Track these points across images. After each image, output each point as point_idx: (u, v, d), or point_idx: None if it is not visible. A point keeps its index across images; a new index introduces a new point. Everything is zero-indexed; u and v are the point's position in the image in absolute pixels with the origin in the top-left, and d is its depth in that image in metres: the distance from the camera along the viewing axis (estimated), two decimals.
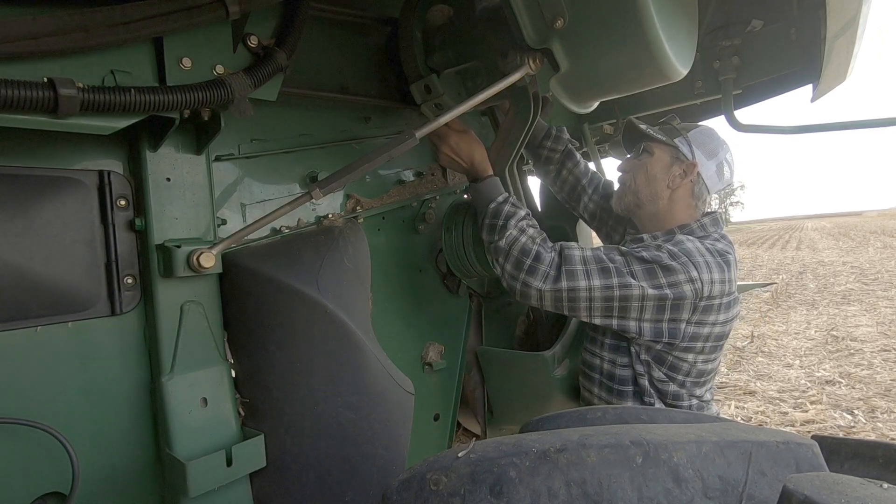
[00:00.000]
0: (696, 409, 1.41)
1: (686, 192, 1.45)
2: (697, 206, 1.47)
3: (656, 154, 1.47)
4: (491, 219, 1.35)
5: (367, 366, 1.16)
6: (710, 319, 1.32)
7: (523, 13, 1.02)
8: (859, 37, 1.38)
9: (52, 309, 0.91)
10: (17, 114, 0.73)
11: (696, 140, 1.45)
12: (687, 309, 1.29)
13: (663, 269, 1.28)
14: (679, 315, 1.30)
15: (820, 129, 1.68)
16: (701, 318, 1.32)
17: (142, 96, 0.81)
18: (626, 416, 0.83)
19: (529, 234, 1.34)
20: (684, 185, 1.44)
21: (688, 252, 1.30)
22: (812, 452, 0.60)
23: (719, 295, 1.31)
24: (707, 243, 1.36)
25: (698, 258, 1.29)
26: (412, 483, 0.60)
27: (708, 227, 1.43)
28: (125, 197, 0.99)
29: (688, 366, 1.37)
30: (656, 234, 1.45)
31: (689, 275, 1.27)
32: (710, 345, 1.36)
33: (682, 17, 1.06)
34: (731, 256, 1.36)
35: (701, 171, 1.43)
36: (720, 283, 1.30)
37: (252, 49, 0.99)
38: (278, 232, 1.28)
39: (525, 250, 1.31)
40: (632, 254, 1.31)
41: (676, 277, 1.27)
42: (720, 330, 1.36)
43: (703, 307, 1.30)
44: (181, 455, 0.96)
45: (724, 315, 1.35)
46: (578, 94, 1.10)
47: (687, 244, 1.33)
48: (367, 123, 1.51)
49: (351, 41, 1.42)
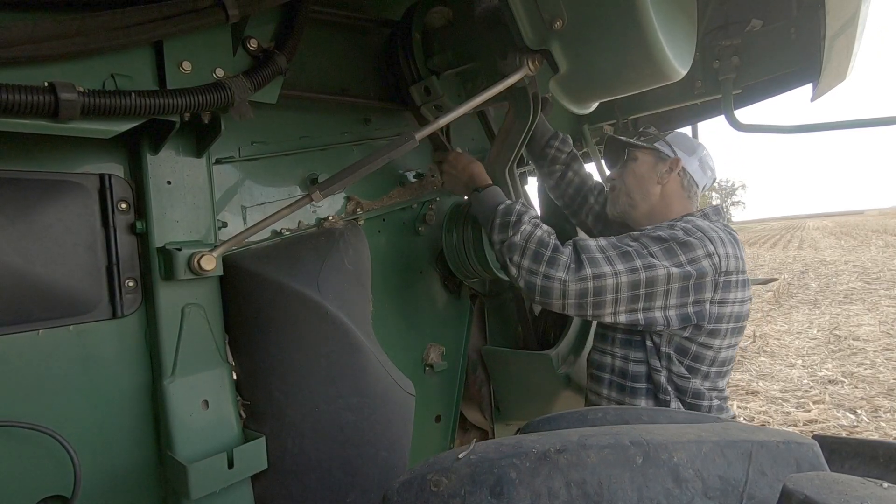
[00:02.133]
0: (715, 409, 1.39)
1: (676, 185, 1.48)
2: (690, 197, 1.49)
3: (640, 158, 1.50)
4: (503, 217, 1.32)
5: (368, 367, 1.17)
6: (730, 297, 1.32)
7: (522, 15, 1.02)
8: (859, 36, 1.38)
9: (53, 312, 0.91)
10: (19, 118, 0.73)
11: (674, 141, 1.49)
12: (709, 287, 1.28)
13: (681, 245, 1.26)
14: (702, 295, 1.29)
15: (820, 129, 1.68)
16: (723, 296, 1.31)
17: (142, 100, 0.81)
18: (626, 416, 0.83)
19: (544, 228, 1.32)
20: (672, 179, 1.47)
21: (701, 228, 1.31)
22: (812, 452, 0.59)
23: (735, 271, 1.32)
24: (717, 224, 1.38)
25: (712, 233, 1.30)
26: (413, 484, 0.60)
27: (711, 216, 1.45)
28: (126, 200, 0.99)
29: (713, 353, 1.35)
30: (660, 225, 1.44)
31: (706, 249, 1.27)
32: (731, 326, 1.35)
33: (681, 17, 1.06)
34: (736, 237, 1.38)
35: (685, 166, 1.46)
36: (734, 258, 1.32)
37: (252, 52, 0.99)
38: (279, 234, 1.28)
39: (543, 242, 1.27)
40: (646, 235, 1.31)
41: (696, 253, 1.26)
42: (739, 309, 1.35)
43: (723, 283, 1.30)
44: (183, 457, 0.96)
45: (742, 293, 1.35)
46: (578, 94, 1.10)
47: (699, 221, 1.34)
48: (367, 125, 1.51)
49: (350, 43, 1.42)
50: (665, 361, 1.35)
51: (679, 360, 1.35)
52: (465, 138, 1.85)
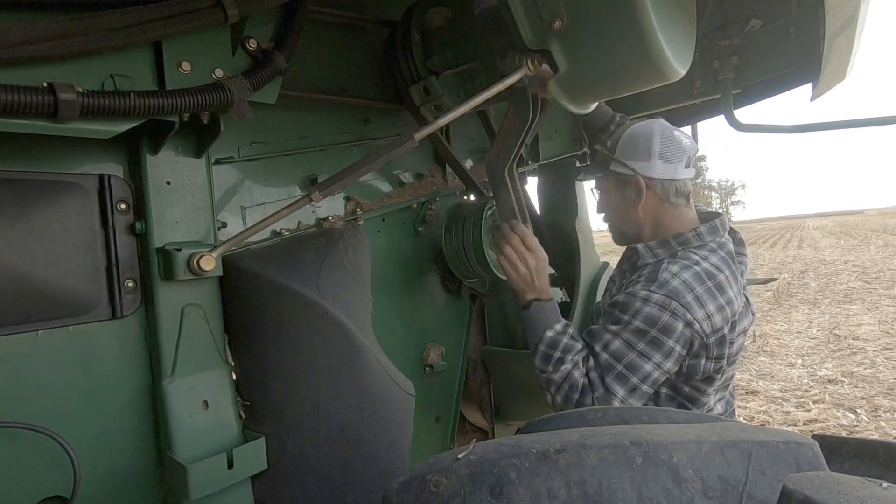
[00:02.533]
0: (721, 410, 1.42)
1: (653, 201, 1.42)
2: (674, 202, 1.42)
3: (606, 188, 1.49)
4: (547, 348, 1.35)
5: (368, 368, 1.16)
6: (725, 352, 1.31)
7: (521, 14, 1.02)
8: (858, 35, 1.38)
9: (52, 313, 0.91)
10: (18, 118, 0.73)
11: (625, 153, 1.43)
12: (701, 350, 1.29)
13: (662, 330, 1.25)
14: (697, 354, 1.29)
15: (820, 128, 1.68)
16: (718, 351, 1.30)
17: (141, 100, 0.81)
18: (626, 416, 0.83)
19: (581, 369, 1.33)
20: (646, 197, 1.41)
21: (676, 294, 1.25)
22: (812, 452, 0.59)
23: (723, 323, 1.28)
24: (696, 267, 1.31)
25: (688, 297, 1.25)
26: (412, 484, 0.60)
27: (704, 237, 1.38)
28: (125, 200, 0.99)
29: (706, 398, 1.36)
30: (651, 245, 1.43)
31: (684, 319, 1.24)
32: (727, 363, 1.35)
33: (680, 17, 1.06)
34: (723, 275, 1.31)
35: (649, 176, 1.39)
36: (717, 311, 1.26)
37: (251, 52, 0.99)
38: (278, 234, 1.28)
39: (574, 386, 1.31)
40: (628, 329, 1.28)
41: (678, 330, 1.24)
42: (736, 348, 1.35)
43: (716, 342, 1.28)
44: (182, 458, 0.96)
45: (732, 334, 1.32)
46: (577, 94, 1.10)
47: (672, 282, 1.27)
48: (367, 125, 1.51)
49: (350, 43, 1.42)
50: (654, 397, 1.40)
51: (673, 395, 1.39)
52: (465, 138, 1.85)
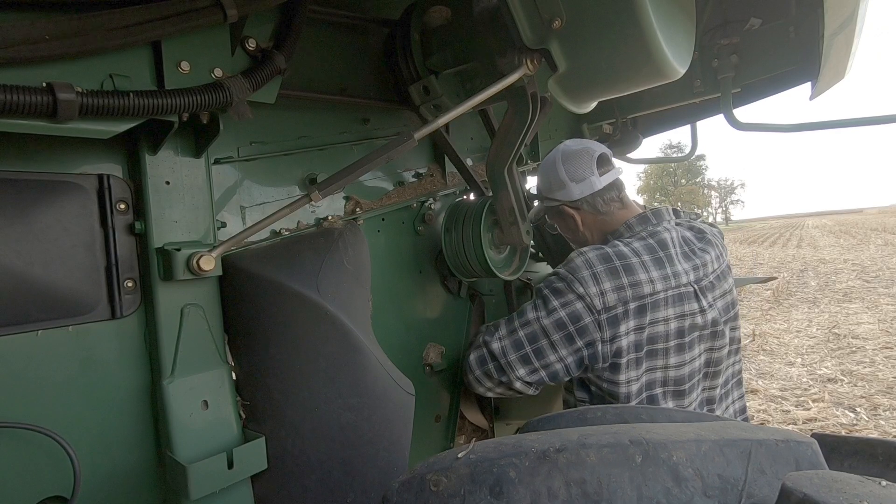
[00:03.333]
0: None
1: (588, 217, 1.51)
2: (608, 210, 1.49)
3: (553, 220, 1.59)
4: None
5: (368, 367, 1.16)
6: (621, 331, 1.29)
7: (521, 14, 1.02)
8: (857, 34, 1.38)
9: (52, 313, 0.91)
10: (17, 118, 0.73)
11: (545, 189, 1.54)
12: (592, 329, 1.29)
13: (553, 291, 1.34)
14: (590, 337, 1.29)
15: (819, 127, 1.68)
16: (612, 332, 1.28)
17: (140, 100, 0.81)
18: (626, 415, 0.83)
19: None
20: (582, 217, 1.51)
21: (574, 269, 1.33)
22: (812, 450, 0.60)
23: (617, 303, 1.28)
24: (608, 248, 1.35)
25: (584, 272, 1.31)
26: (412, 484, 0.60)
27: (634, 227, 1.45)
28: (125, 200, 0.99)
29: (625, 389, 1.33)
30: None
31: (576, 292, 1.30)
32: (634, 356, 1.31)
33: (679, 16, 1.06)
34: (637, 259, 1.32)
35: (574, 197, 1.47)
36: (613, 290, 1.28)
37: (250, 52, 0.99)
38: (278, 234, 1.28)
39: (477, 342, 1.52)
40: (537, 295, 1.40)
41: (566, 297, 1.31)
42: (637, 338, 1.31)
43: (608, 320, 1.28)
44: (182, 458, 0.96)
45: (637, 321, 1.30)
46: (576, 94, 1.10)
47: (576, 260, 1.35)
48: (366, 125, 1.51)
49: (349, 43, 1.42)
50: (598, 401, 1.40)
51: (604, 396, 1.38)
52: (464, 137, 1.85)
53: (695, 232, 1.50)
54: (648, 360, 1.35)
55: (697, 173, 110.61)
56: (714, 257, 1.46)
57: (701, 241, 1.48)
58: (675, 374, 1.36)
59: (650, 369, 1.36)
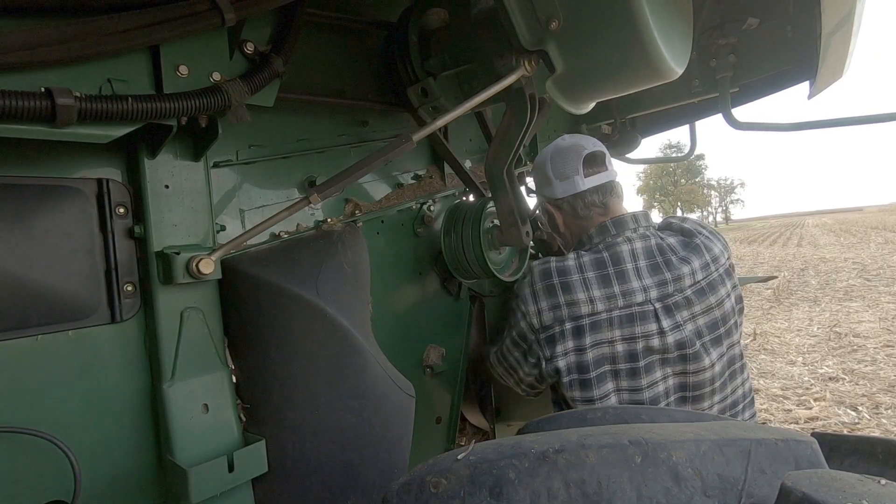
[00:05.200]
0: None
1: (569, 217, 1.50)
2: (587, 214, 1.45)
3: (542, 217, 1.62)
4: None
5: (368, 369, 1.17)
6: (558, 350, 1.25)
7: (518, 15, 1.02)
8: (855, 33, 1.39)
9: (51, 318, 0.91)
10: (15, 124, 0.73)
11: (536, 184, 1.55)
12: (536, 347, 1.29)
13: (510, 311, 1.38)
14: (539, 354, 1.29)
15: (818, 126, 1.68)
16: (552, 352, 1.25)
17: (139, 104, 0.81)
18: (626, 415, 0.83)
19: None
20: (560, 215, 1.51)
21: (519, 286, 1.35)
22: (811, 449, 0.60)
23: (554, 322, 1.25)
24: (551, 263, 1.33)
25: (525, 290, 1.32)
26: (412, 486, 0.60)
27: (594, 238, 1.41)
28: (124, 205, 0.99)
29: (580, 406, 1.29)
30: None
31: (520, 309, 1.32)
32: (577, 377, 1.24)
33: (676, 16, 1.06)
34: (577, 276, 1.27)
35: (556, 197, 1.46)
36: (550, 309, 1.26)
37: (248, 55, 0.99)
38: (277, 237, 1.28)
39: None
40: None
41: (515, 316, 1.34)
42: (578, 359, 1.24)
43: (546, 339, 1.26)
44: (183, 461, 0.96)
45: (576, 342, 1.24)
46: (574, 94, 1.10)
47: (525, 277, 1.37)
48: (365, 127, 1.51)
49: (347, 46, 1.42)
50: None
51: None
52: (463, 139, 1.86)
53: (683, 237, 1.39)
54: (599, 385, 1.25)
55: (697, 173, 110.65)
56: (698, 267, 1.31)
57: (686, 247, 1.35)
58: (631, 398, 1.27)
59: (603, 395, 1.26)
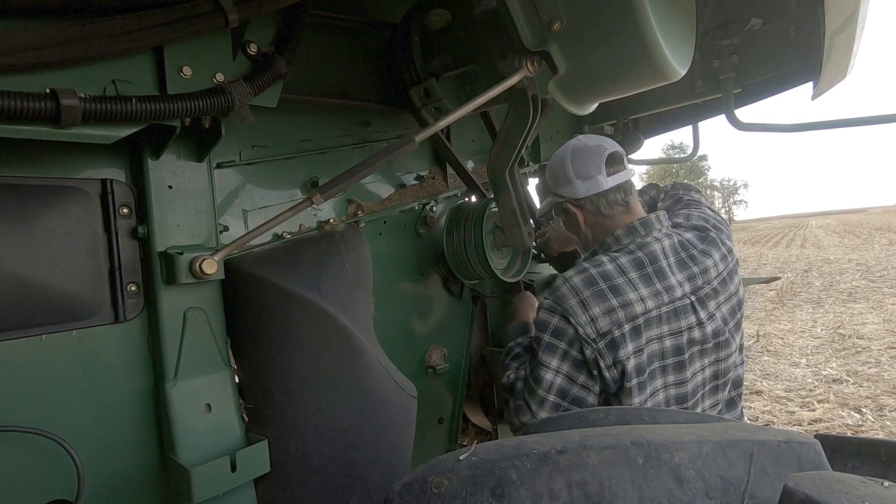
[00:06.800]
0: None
1: (591, 217, 1.44)
2: (610, 213, 1.41)
3: (558, 215, 1.55)
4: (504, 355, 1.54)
5: (370, 370, 1.17)
6: (621, 356, 1.23)
7: (520, 16, 1.02)
8: (858, 33, 1.38)
9: (56, 317, 0.91)
10: (20, 124, 0.73)
11: (552, 184, 1.48)
12: (595, 358, 1.25)
13: (554, 334, 1.28)
14: (600, 364, 1.25)
15: (822, 127, 1.68)
16: (614, 358, 1.23)
17: (143, 105, 0.82)
18: (628, 416, 0.82)
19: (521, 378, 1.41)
20: (585, 216, 1.44)
21: (561, 299, 1.28)
22: (814, 451, 0.59)
23: (612, 326, 1.23)
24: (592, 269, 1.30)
25: (571, 301, 1.26)
26: (414, 486, 0.60)
27: (622, 239, 1.38)
28: (128, 205, 1.00)
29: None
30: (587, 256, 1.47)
31: (571, 323, 1.25)
32: (637, 381, 1.25)
33: (679, 16, 1.06)
34: (623, 278, 1.27)
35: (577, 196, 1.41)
36: (604, 314, 1.23)
37: (252, 56, 0.99)
38: (280, 237, 1.29)
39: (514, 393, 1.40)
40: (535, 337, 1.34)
41: (567, 333, 1.26)
42: (637, 361, 1.25)
43: (607, 345, 1.23)
44: (186, 461, 0.96)
45: (634, 343, 1.24)
46: (577, 95, 1.10)
47: (562, 288, 1.30)
48: (367, 128, 1.52)
49: (350, 47, 1.43)
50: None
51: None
52: (465, 140, 1.86)
53: (697, 232, 1.42)
54: (651, 383, 1.28)
55: (700, 174, 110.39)
56: (718, 259, 1.37)
57: (703, 241, 1.40)
58: (677, 393, 1.30)
59: (653, 392, 1.29)
